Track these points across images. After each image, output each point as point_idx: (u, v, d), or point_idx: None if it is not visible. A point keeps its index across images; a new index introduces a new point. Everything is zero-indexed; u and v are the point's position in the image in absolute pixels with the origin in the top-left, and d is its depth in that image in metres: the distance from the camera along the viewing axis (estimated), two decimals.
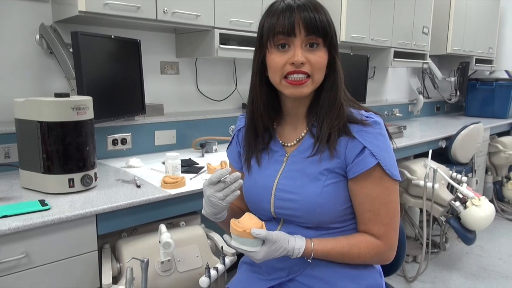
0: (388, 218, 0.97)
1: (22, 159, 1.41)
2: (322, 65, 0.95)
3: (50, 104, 1.31)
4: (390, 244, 0.98)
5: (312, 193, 0.97)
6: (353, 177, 0.96)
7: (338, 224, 1.01)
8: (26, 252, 1.12)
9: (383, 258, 1.00)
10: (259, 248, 0.92)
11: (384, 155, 0.95)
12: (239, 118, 1.18)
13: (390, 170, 0.95)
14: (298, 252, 0.95)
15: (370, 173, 0.95)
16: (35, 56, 1.76)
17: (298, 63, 0.92)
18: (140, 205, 1.34)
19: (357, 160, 0.95)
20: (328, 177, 0.97)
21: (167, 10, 1.77)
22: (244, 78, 2.60)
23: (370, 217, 0.97)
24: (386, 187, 0.96)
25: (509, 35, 4.61)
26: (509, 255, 2.86)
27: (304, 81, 0.94)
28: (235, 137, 1.17)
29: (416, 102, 3.88)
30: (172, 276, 1.32)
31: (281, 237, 0.94)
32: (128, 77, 1.89)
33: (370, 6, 2.83)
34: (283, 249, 0.93)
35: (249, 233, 0.90)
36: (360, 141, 0.94)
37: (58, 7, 1.72)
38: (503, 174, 3.64)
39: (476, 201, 2.30)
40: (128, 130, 2.00)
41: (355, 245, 0.98)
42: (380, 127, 0.96)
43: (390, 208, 0.97)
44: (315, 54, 0.94)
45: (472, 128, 2.92)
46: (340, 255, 0.98)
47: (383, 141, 0.96)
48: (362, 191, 0.96)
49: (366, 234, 0.99)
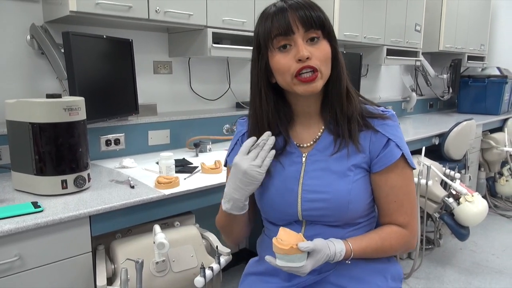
0: (411, 207, 1.00)
1: (14, 161, 1.40)
2: (327, 57, 0.94)
3: (42, 105, 1.30)
4: (414, 231, 1.01)
5: (342, 189, 0.96)
6: (379, 171, 0.98)
7: (364, 218, 1.02)
8: (19, 254, 1.11)
9: (409, 246, 1.03)
10: (306, 262, 0.89)
11: (404, 146, 0.99)
12: (240, 122, 1.12)
13: (410, 160, 0.99)
14: (340, 256, 0.93)
15: (396, 165, 0.97)
16: (26, 56, 1.75)
17: (304, 58, 0.90)
18: (134, 206, 1.33)
19: (383, 153, 0.97)
20: (355, 172, 0.98)
21: (159, 9, 1.76)
22: (237, 77, 2.60)
23: (395, 207, 0.99)
24: (408, 177, 1.00)
25: (500, 32, 4.65)
26: (502, 250, 2.89)
27: (314, 77, 0.92)
28: (238, 142, 1.10)
29: (409, 99, 3.90)
30: (167, 276, 1.32)
31: (323, 245, 0.92)
32: (120, 77, 1.88)
33: (362, 4, 2.84)
34: (326, 256, 0.92)
35: (296, 249, 0.87)
36: (383, 134, 0.97)
37: (48, 7, 1.70)
38: (495, 170, 3.66)
39: (469, 197, 2.32)
40: (121, 131, 1.99)
41: (386, 238, 1.00)
42: (397, 120, 1.01)
43: (411, 197, 1.01)
44: (318, 48, 0.93)
45: (464, 125, 2.94)
46: (375, 250, 0.99)
47: (401, 132, 1.00)
48: (387, 183, 0.98)
49: (393, 225, 1.01)
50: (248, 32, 2.13)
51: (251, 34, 2.12)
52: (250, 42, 2.31)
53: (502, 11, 4.61)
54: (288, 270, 0.90)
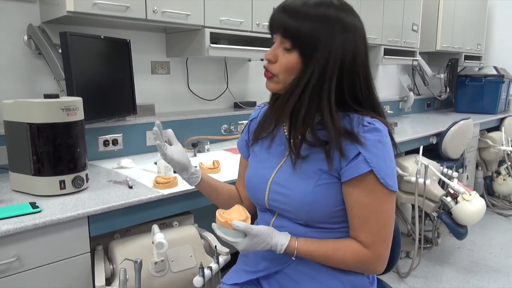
0: (377, 228, 0.95)
1: (12, 162, 1.40)
2: (286, 68, 0.96)
3: (39, 106, 1.30)
4: (378, 254, 0.96)
5: (302, 190, 0.98)
6: (345, 181, 0.95)
7: (329, 224, 1.01)
8: (17, 255, 1.11)
9: (369, 267, 0.98)
10: (241, 240, 0.96)
11: (380, 163, 0.92)
12: (255, 109, 1.23)
13: (384, 179, 0.92)
14: (280, 249, 0.97)
15: (363, 179, 0.93)
16: (23, 57, 1.74)
17: (265, 58, 0.99)
18: (132, 206, 1.33)
19: (350, 164, 0.93)
20: (321, 177, 0.97)
21: (156, 9, 1.76)
22: (235, 77, 2.60)
23: (359, 223, 0.96)
24: (378, 197, 0.94)
25: (497, 32, 4.67)
26: (500, 249, 2.90)
27: (268, 75, 0.99)
28: (246, 127, 1.22)
29: (406, 99, 3.90)
30: (166, 276, 1.32)
31: (264, 232, 0.97)
32: (118, 77, 1.88)
33: (360, 4, 2.84)
34: (266, 244, 0.97)
35: (230, 225, 0.95)
36: (356, 146, 0.92)
37: (46, 8, 1.70)
38: (493, 169, 3.68)
39: (467, 196, 2.33)
40: (119, 131, 1.98)
41: (340, 249, 0.97)
42: (379, 135, 0.93)
43: (381, 218, 0.95)
44: (285, 56, 0.96)
45: (462, 124, 2.95)
46: (324, 257, 0.98)
47: (381, 149, 0.92)
48: (352, 196, 0.95)
49: (354, 240, 0.98)
50: (246, 32, 2.13)
51: (249, 34, 2.14)
52: (248, 42, 2.33)
53: (498, 11, 4.63)
54: (226, 241, 0.98)
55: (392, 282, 2.41)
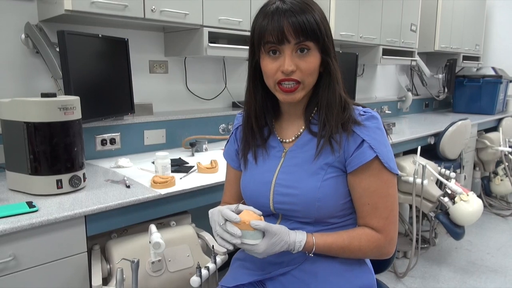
0: (387, 212, 0.98)
1: (8, 160, 1.39)
2: (312, 70, 0.96)
3: (36, 105, 1.29)
4: (390, 237, 0.99)
5: (311, 187, 0.97)
6: (352, 171, 0.97)
7: (337, 219, 1.01)
8: (14, 254, 1.11)
9: (383, 251, 1.00)
10: (260, 241, 0.91)
11: (382, 148, 0.96)
12: (237, 116, 1.19)
13: (388, 163, 0.96)
14: (299, 246, 0.95)
15: (369, 166, 0.96)
16: (21, 55, 1.73)
17: (287, 72, 0.93)
18: (129, 206, 1.33)
19: (356, 153, 0.96)
20: (327, 171, 0.98)
21: (155, 8, 1.75)
22: (233, 76, 2.59)
23: (369, 210, 0.98)
24: (385, 181, 0.97)
25: (495, 32, 4.68)
26: (497, 249, 2.91)
27: (294, 88, 0.96)
28: (232, 135, 1.18)
29: (405, 99, 3.91)
30: (163, 276, 1.31)
31: (282, 230, 0.94)
32: (116, 77, 1.87)
33: (358, 4, 2.85)
34: (284, 242, 0.93)
35: (248, 225, 0.89)
36: (358, 134, 0.96)
37: (43, 6, 1.69)
38: (490, 169, 3.69)
39: (465, 196, 2.33)
40: (117, 130, 1.98)
41: (355, 238, 0.98)
42: (377, 122, 0.98)
43: (389, 201, 0.98)
44: (305, 60, 0.94)
45: (459, 124, 2.96)
46: (341, 248, 0.98)
47: (381, 135, 0.97)
48: (361, 184, 0.97)
49: (366, 227, 1.00)
50: (244, 31, 2.13)
51: (247, 33, 2.14)
52: (246, 42, 2.30)
53: (497, 11, 4.64)
54: (243, 248, 0.92)
55: (389, 282, 2.41)
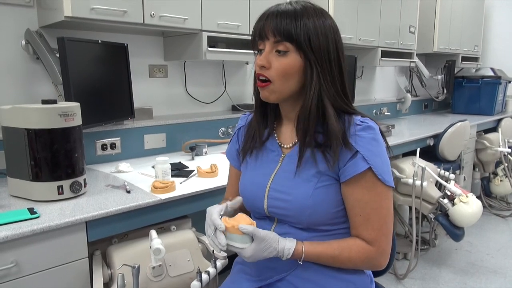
0: (379, 224, 0.97)
1: (9, 167, 1.40)
2: (283, 72, 0.95)
3: (37, 111, 1.30)
4: (381, 249, 0.98)
5: (303, 194, 0.98)
6: (344, 181, 0.96)
7: (330, 226, 1.01)
8: (15, 261, 1.11)
9: (374, 263, 1.00)
10: (248, 245, 0.93)
11: (377, 160, 0.94)
12: (241, 117, 1.21)
13: (382, 176, 0.94)
14: (288, 253, 0.96)
15: (362, 177, 0.95)
16: (21, 62, 1.74)
17: (259, 65, 0.97)
18: (130, 211, 1.33)
19: (349, 164, 0.95)
20: (320, 179, 0.98)
21: (154, 14, 1.76)
22: (233, 80, 2.60)
23: (361, 221, 0.97)
24: (378, 193, 0.96)
25: (494, 33, 4.69)
26: (497, 250, 2.91)
27: (264, 84, 0.98)
28: (235, 135, 1.20)
29: (404, 100, 3.91)
30: (164, 281, 1.32)
31: (271, 237, 0.95)
32: (116, 81, 1.88)
33: (356, 6, 2.86)
34: (273, 249, 0.94)
35: (237, 229, 0.93)
36: (353, 145, 0.94)
37: (43, 12, 1.70)
38: (490, 170, 3.69)
39: (464, 198, 2.34)
40: (117, 135, 1.99)
41: (345, 248, 0.98)
42: (373, 132, 0.96)
43: (382, 213, 0.97)
44: (279, 60, 0.95)
45: (458, 126, 2.96)
46: (331, 258, 0.98)
47: (376, 146, 0.95)
48: (353, 195, 0.97)
49: (358, 238, 0.99)
50: (243, 35, 2.14)
51: (246, 37, 2.15)
52: (245, 46, 2.33)
53: (495, 12, 4.65)
54: (234, 250, 0.94)
55: (389, 284, 2.42)
